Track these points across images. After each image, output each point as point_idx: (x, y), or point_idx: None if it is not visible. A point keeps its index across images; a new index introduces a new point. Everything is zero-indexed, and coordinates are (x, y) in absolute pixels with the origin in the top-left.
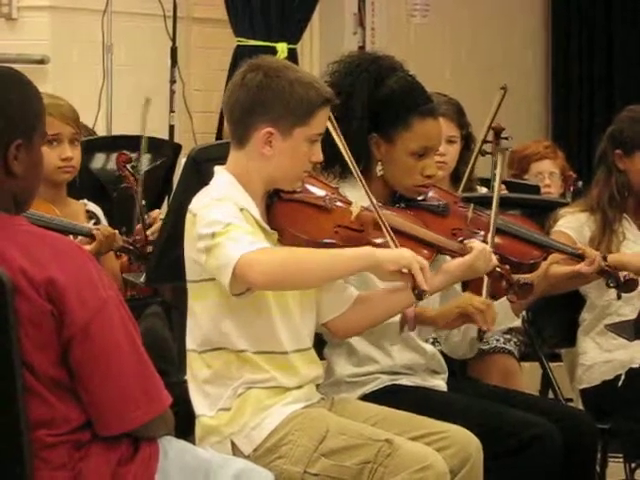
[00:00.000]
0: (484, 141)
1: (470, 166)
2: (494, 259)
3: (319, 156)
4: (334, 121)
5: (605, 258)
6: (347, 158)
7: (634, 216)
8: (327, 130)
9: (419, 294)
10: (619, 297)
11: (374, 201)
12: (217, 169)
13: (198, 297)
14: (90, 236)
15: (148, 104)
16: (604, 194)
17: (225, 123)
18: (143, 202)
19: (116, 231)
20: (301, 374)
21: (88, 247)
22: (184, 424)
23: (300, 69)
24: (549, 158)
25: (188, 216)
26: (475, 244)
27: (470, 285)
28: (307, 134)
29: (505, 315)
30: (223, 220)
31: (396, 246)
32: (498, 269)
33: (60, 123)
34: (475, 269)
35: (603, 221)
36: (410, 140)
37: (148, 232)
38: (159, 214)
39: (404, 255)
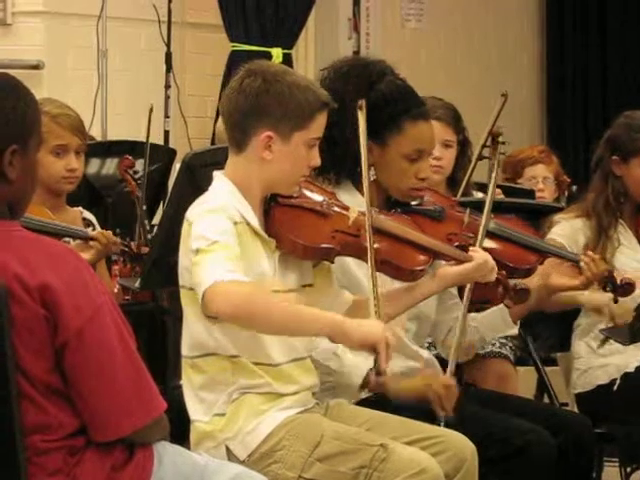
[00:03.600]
0: (483, 146)
1: (470, 171)
2: (495, 271)
3: (317, 160)
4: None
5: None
6: (363, 162)
7: (630, 222)
8: (322, 137)
9: (379, 373)
10: (615, 301)
11: (369, 208)
12: (216, 174)
13: (190, 303)
14: (86, 239)
15: (151, 112)
16: (600, 200)
17: (218, 127)
18: (144, 207)
19: (110, 233)
20: (297, 382)
21: (87, 255)
22: (179, 429)
23: (297, 73)
24: (543, 163)
25: (185, 224)
26: (477, 254)
27: (464, 287)
28: (306, 138)
29: (503, 321)
30: (210, 237)
31: (373, 258)
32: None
33: (69, 134)
34: (472, 278)
35: (598, 227)
36: (403, 144)
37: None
38: None
39: (373, 332)
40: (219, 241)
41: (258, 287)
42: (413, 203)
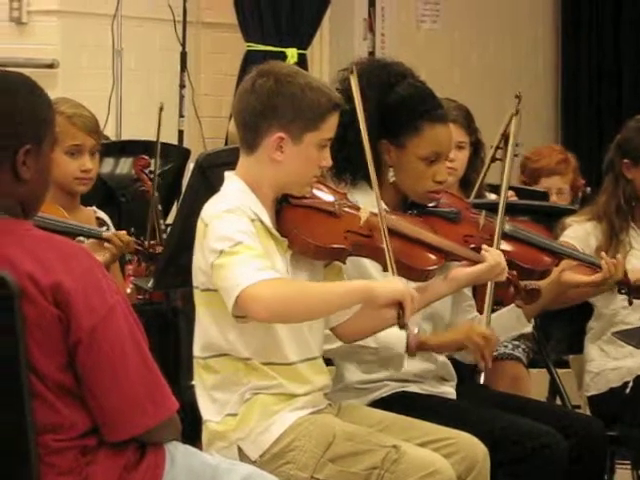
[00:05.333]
0: (497, 148)
1: (483, 173)
2: (506, 271)
3: (328, 161)
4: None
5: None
6: (368, 160)
7: None
8: (336, 138)
9: (402, 326)
10: (630, 303)
11: (382, 206)
12: (227, 175)
13: (204, 304)
14: (101, 239)
15: (162, 110)
16: (611, 203)
17: (230, 128)
18: (159, 207)
19: (124, 233)
20: (310, 382)
21: (101, 258)
22: (191, 429)
23: (309, 74)
24: (559, 174)
25: (200, 225)
26: (489, 256)
27: (479, 289)
28: (317, 139)
29: (517, 321)
30: (233, 237)
31: (391, 257)
32: (506, 275)
33: (83, 135)
34: (484, 279)
35: (610, 230)
36: (420, 146)
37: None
38: None
39: (398, 288)
40: (243, 242)
41: (288, 281)
42: (429, 205)
